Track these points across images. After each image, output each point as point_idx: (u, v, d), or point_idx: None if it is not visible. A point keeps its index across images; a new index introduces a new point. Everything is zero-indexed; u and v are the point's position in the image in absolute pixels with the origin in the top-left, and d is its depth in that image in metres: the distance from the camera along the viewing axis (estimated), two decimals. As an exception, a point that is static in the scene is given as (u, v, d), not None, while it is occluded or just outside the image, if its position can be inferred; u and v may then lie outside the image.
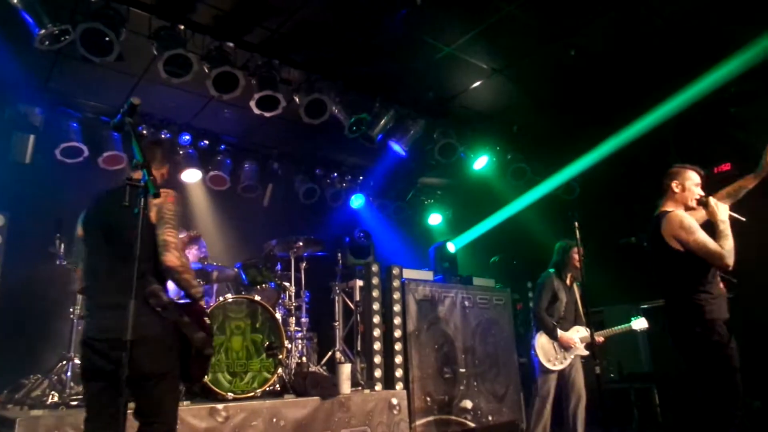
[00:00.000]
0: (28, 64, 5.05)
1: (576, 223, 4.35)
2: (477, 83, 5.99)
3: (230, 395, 4.21)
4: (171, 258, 2.46)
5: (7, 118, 5.44)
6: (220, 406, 4.02)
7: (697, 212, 3.44)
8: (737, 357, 3.13)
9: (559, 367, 4.78)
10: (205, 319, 2.67)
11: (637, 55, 5.46)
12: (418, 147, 6.60)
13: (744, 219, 3.39)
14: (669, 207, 3.42)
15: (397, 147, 6.41)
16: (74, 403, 3.94)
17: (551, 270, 5.06)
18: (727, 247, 3.15)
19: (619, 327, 4.95)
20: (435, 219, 9.04)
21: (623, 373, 6.85)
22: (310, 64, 5.51)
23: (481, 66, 5.66)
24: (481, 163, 7.15)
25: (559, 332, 4.77)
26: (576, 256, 4.98)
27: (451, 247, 7.40)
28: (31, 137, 5.48)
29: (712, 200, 3.34)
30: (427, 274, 6.50)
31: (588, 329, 4.86)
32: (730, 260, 3.14)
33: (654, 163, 6.66)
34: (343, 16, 4.85)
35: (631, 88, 5.99)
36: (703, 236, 3.19)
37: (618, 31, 5.13)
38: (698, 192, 3.43)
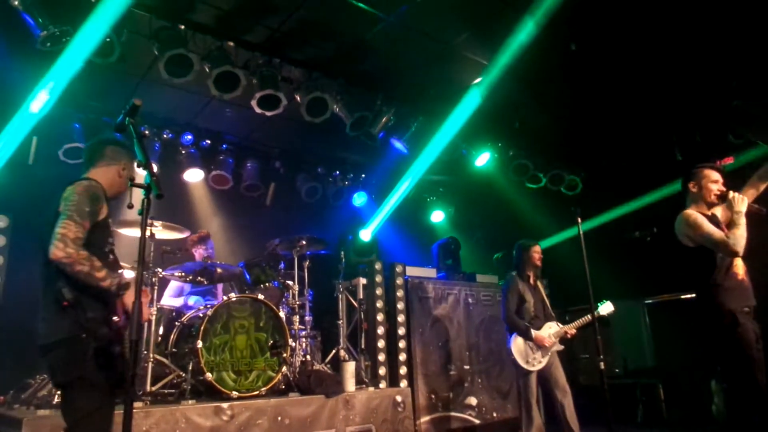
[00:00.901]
0: (30, 65, 5.06)
1: (578, 218, 4.34)
2: (478, 80, 5.97)
3: (235, 394, 4.22)
4: (54, 251, 2.26)
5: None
6: (225, 404, 4.03)
7: (722, 209, 3.54)
8: (757, 346, 3.15)
9: (538, 366, 4.79)
10: (131, 311, 2.29)
11: (639, 49, 5.44)
12: (420, 144, 6.59)
13: (763, 210, 3.45)
14: (690, 207, 3.53)
15: (398, 144, 6.41)
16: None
17: (512, 272, 5.08)
18: (736, 234, 3.22)
19: (587, 316, 4.96)
20: (437, 216, 9.03)
21: (628, 368, 6.84)
22: (310, 63, 5.50)
23: (481, 62, 5.64)
24: (483, 159, 7.14)
25: (533, 332, 4.78)
26: (536, 255, 5.01)
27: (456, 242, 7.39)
28: (34, 138, 5.50)
29: (731, 194, 3.42)
30: (431, 272, 6.51)
31: (559, 324, 4.91)
32: (738, 247, 3.21)
33: (657, 156, 6.66)
34: (343, 14, 4.84)
35: (633, 83, 5.97)
36: (708, 228, 3.30)
37: (616, 24, 5.11)
38: (717, 188, 3.50)
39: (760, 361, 3.14)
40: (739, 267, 3.36)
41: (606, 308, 4.86)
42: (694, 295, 3.52)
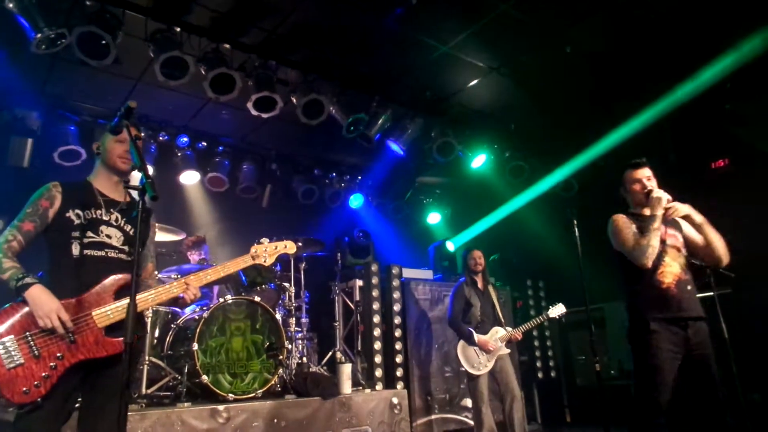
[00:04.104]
0: (25, 68, 5.05)
1: (574, 221, 4.35)
2: (474, 81, 5.99)
3: (231, 396, 4.21)
4: None
5: (5, 123, 5.44)
6: (221, 407, 4.02)
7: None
8: (663, 357, 2.96)
9: (484, 371, 4.84)
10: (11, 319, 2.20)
11: (634, 51, 5.47)
12: (416, 146, 6.61)
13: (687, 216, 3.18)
14: (629, 211, 3.38)
15: (395, 146, 6.42)
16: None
17: (462, 278, 5.13)
18: (641, 244, 3.05)
19: (537, 318, 5.04)
20: (434, 218, 9.04)
21: (624, 369, 6.85)
22: (306, 65, 5.51)
23: (477, 64, 5.66)
24: (479, 161, 7.15)
25: (476, 337, 4.84)
26: (472, 261, 5.06)
27: (450, 246, 7.41)
28: (29, 141, 5.48)
29: (653, 193, 3.19)
30: (427, 273, 6.51)
31: (507, 328, 4.99)
32: (642, 258, 3.04)
33: (651, 158, 6.69)
34: (339, 16, 4.85)
35: (628, 85, 6.00)
36: (624, 236, 3.15)
37: (613, 27, 5.13)
38: (640, 187, 3.28)
39: (665, 372, 2.94)
40: (667, 275, 3.10)
41: (557, 310, 4.94)
42: None
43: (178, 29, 4.73)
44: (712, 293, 4.64)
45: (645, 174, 3.30)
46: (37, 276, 2.29)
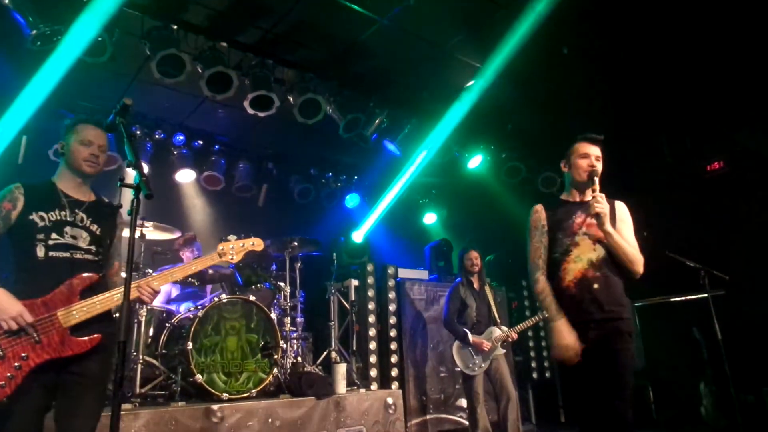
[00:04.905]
0: (20, 64, 5.02)
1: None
2: (471, 82, 5.99)
3: (225, 396, 4.20)
4: None
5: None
6: (215, 406, 4.01)
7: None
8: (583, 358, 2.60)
9: (479, 371, 4.85)
10: None
11: (631, 50, 5.48)
12: (413, 146, 6.61)
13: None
14: (563, 194, 2.98)
15: (391, 146, 6.41)
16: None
17: (458, 279, 5.14)
18: (536, 277, 2.78)
19: (532, 319, 5.05)
20: (430, 218, 9.04)
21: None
22: (303, 64, 5.50)
23: (474, 64, 5.66)
24: (475, 162, 7.16)
25: (471, 337, 4.84)
26: (468, 262, 5.07)
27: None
28: (24, 138, 5.45)
29: (596, 187, 2.72)
30: (423, 274, 6.51)
31: (503, 328, 5.00)
32: (532, 279, 2.81)
33: (647, 159, 6.71)
34: (336, 16, 4.84)
35: (624, 85, 6.02)
36: (530, 244, 2.89)
37: (605, 27, 5.14)
38: (587, 164, 2.81)
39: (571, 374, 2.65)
40: (569, 272, 2.73)
41: None
42: (684, 299, 3.34)
43: (175, 27, 4.72)
44: (705, 295, 4.69)
45: (595, 152, 2.86)
46: (2, 277, 2.30)
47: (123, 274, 3.82)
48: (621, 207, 2.90)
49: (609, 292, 2.69)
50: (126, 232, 4.46)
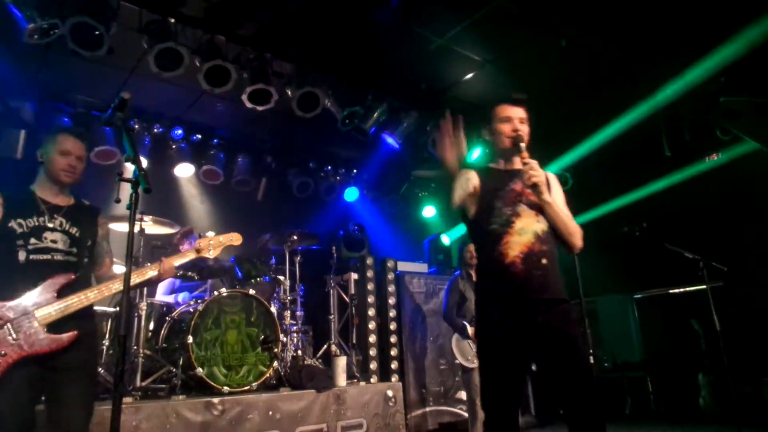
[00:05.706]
0: (18, 58, 5.00)
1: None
2: (470, 75, 5.98)
3: (226, 389, 4.22)
4: None
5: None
6: (215, 399, 4.03)
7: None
8: (498, 351, 2.40)
9: (478, 363, 4.82)
10: None
11: (629, 45, 5.47)
12: (412, 139, 6.60)
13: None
14: (491, 164, 2.70)
15: (390, 140, 6.41)
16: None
17: (457, 272, 5.13)
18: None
19: None
20: (429, 212, 9.04)
21: (617, 362, 6.92)
22: (302, 57, 5.48)
23: (473, 57, 5.65)
24: (474, 155, 7.15)
25: (469, 330, 4.82)
26: (467, 254, 5.06)
27: (446, 239, 7.42)
28: (22, 132, 5.44)
29: (525, 153, 2.44)
30: (422, 267, 6.52)
31: None
32: (449, 200, 2.48)
33: (646, 152, 6.71)
34: (334, 9, 4.82)
35: (623, 78, 6.00)
36: (454, 186, 2.52)
37: (609, 21, 5.13)
38: (510, 129, 2.55)
39: (498, 370, 2.41)
40: (513, 246, 2.40)
41: None
42: (683, 290, 3.32)
43: (173, 20, 4.70)
44: (704, 286, 4.70)
45: (519, 114, 2.57)
46: None
47: (117, 269, 3.87)
48: (551, 175, 2.63)
49: (555, 270, 2.44)
50: (120, 227, 4.52)
